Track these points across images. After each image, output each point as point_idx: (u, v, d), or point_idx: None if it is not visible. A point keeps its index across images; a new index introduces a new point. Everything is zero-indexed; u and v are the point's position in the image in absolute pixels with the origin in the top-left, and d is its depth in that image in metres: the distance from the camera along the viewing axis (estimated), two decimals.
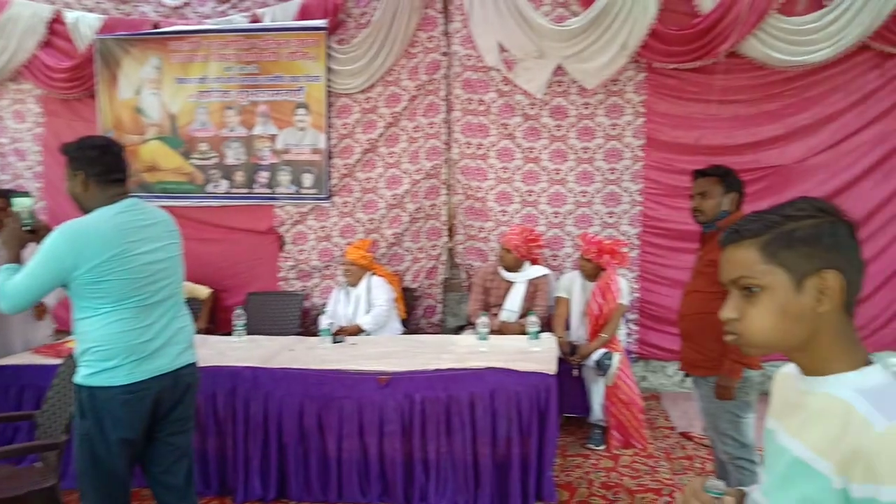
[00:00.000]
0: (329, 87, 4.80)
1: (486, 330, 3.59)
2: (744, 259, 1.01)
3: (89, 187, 2.20)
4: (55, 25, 5.04)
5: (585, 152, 4.64)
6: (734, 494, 1.11)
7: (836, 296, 0.97)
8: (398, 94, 4.78)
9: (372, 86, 4.78)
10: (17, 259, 2.24)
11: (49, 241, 2.12)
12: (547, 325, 4.05)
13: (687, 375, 2.77)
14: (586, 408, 3.88)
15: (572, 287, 4.09)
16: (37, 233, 2.31)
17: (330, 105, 4.83)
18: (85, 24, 5.00)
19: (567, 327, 4.06)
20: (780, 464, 1.02)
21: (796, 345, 1.00)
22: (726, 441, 2.58)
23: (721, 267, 1.06)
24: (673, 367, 4.59)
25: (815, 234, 0.97)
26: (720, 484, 1.06)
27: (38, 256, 2.11)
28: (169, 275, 2.29)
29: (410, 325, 4.60)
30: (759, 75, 4.31)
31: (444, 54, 4.70)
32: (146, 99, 5.00)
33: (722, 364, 2.48)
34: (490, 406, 3.11)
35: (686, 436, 3.90)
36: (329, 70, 4.78)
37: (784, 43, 4.17)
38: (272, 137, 4.89)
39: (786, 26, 4.14)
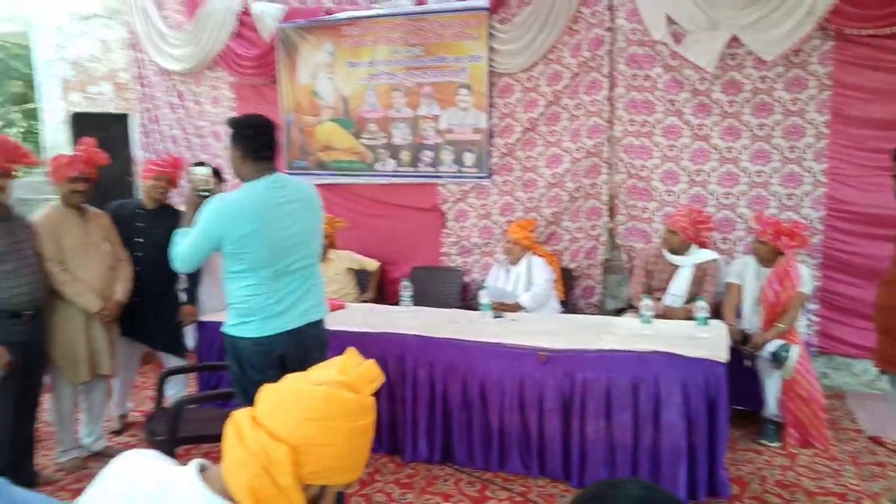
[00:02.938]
0: (491, 66, 4.85)
1: (651, 313, 3.50)
2: None
3: (244, 160, 2.46)
4: (244, 17, 5.52)
5: (762, 129, 4.33)
6: None
7: None
8: (560, 72, 4.73)
9: (534, 64, 4.77)
10: (192, 223, 2.55)
11: (204, 213, 2.42)
12: (715, 312, 3.86)
13: (883, 372, 2.54)
14: (758, 401, 3.66)
15: (745, 272, 3.86)
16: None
17: (492, 85, 4.88)
18: (268, 14, 5.43)
19: (738, 315, 3.85)
20: None
21: None
22: None
23: None
24: (861, 365, 4.20)
25: None
26: None
27: (197, 226, 2.42)
28: (303, 249, 2.52)
29: (569, 306, 4.59)
30: None
31: (608, 29, 4.57)
32: (321, 83, 5.34)
33: None
34: (654, 391, 3.05)
35: (877, 440, 3.57)
36: (491, 50, 4.83)
37: None
38: (436, 118, 5.05)
39: None
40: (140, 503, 1.04)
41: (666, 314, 3.89)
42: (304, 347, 2.52)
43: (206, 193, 2.61)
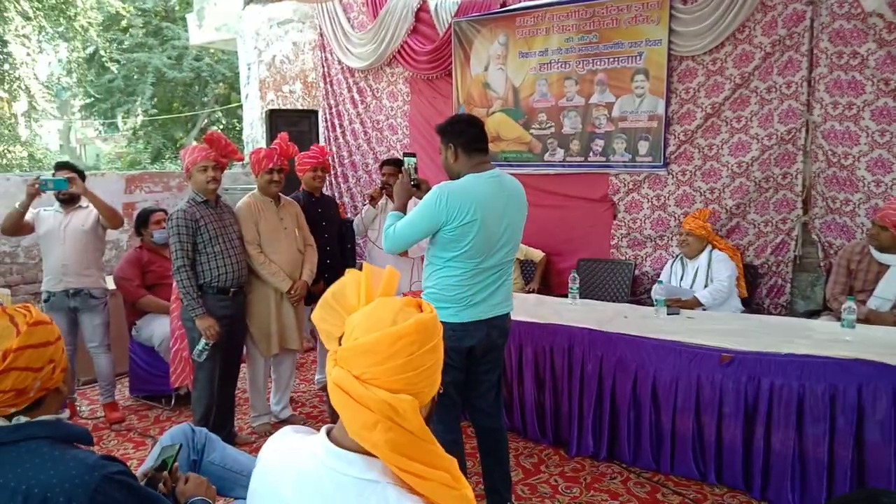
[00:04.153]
0: (670, 50, 4.60)
1: (853, 316, 3.13)
2: None
3: (458, 156, 2.53)
4: (420, 13, 5.72)
5: None
6: None
7: None
8: (750, 53, 4.36)
9: (720, 45, 4.44)
10: (403, 208, 2.65)
11: (429, 197, 2.48)
12: None
13: None
14: None
15: None
16: (419, 187, 2.71)
17: (671, 69, 4.63)
18: (444, 9, 5.58)
19: None
20: None
21: None
22: None
23: None
24: None
25: None
26: None
27: (419, 209, 2.48)
28: (509, 244, 2.56)
29: (752, 305, 4.24)
30: None
31: (809, 3, 4.13)
32: (493, 74, 5.39)
33: None
34: (855, 403, 2.73)
35: None
36: (671, 32, 4.57)
37: None
38: (609, 105, 4.89)
39: None
40: (282, 463, 1.19)
41: (870, 319, 3.46)
42: (490, 336, 2.59)
43: (415, 181, 2.73)
